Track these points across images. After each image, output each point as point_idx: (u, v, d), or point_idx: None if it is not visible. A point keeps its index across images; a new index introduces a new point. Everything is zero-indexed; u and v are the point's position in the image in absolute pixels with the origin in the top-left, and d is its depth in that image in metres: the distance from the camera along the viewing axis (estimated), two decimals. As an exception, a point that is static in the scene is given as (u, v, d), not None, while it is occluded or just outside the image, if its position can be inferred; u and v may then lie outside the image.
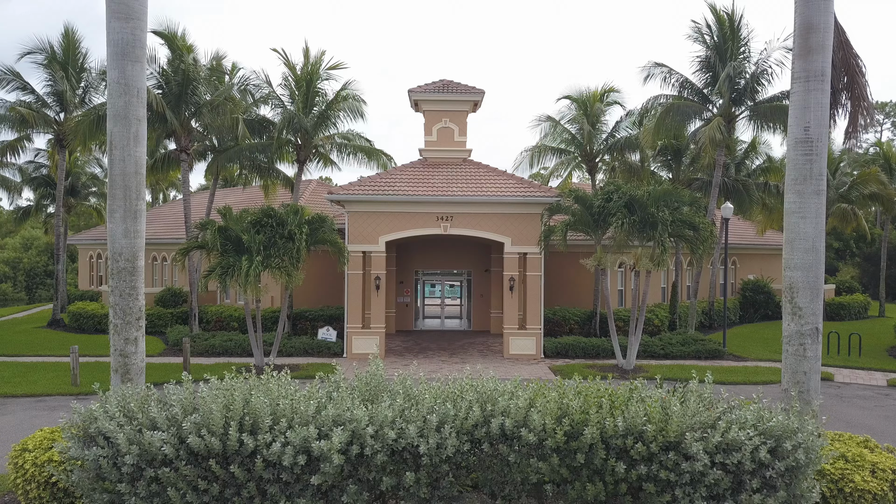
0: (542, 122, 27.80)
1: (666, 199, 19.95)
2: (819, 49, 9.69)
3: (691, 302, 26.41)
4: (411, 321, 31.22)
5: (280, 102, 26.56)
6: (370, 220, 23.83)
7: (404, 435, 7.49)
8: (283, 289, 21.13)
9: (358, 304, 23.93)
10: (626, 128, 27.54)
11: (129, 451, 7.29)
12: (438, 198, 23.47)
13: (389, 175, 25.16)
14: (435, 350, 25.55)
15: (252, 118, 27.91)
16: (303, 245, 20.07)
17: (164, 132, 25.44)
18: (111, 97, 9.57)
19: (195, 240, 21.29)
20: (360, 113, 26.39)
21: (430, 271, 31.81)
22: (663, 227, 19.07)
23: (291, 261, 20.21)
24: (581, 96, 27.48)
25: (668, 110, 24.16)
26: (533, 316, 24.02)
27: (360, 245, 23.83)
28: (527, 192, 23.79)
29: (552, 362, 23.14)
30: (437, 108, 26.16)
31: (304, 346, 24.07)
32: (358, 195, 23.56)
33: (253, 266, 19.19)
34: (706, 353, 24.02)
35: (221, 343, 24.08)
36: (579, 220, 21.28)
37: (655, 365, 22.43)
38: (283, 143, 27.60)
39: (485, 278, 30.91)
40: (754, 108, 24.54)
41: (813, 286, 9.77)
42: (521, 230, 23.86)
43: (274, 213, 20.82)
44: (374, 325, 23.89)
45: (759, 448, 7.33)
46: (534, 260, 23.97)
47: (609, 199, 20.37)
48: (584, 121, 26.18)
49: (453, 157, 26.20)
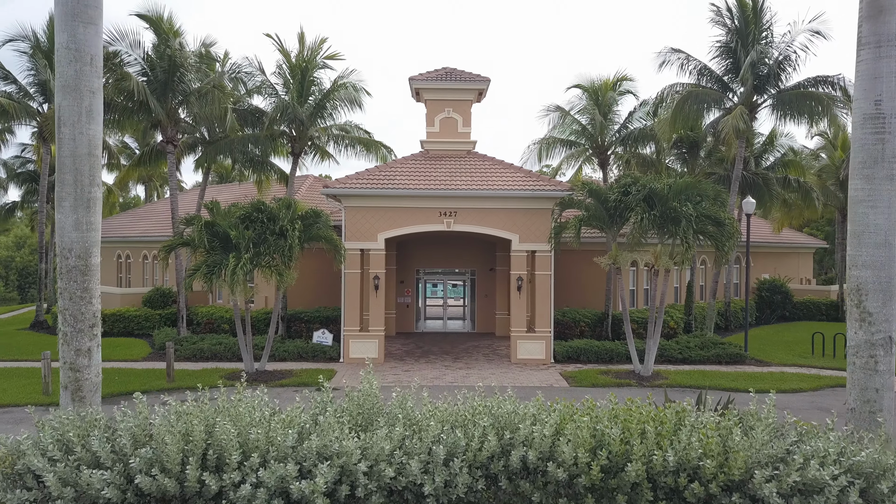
0: (550, 111, 26.36)
1: (688, 193, 18.50)
2: (893, 8, 8.23)
3: (709, 303, 24.93)
4: (412, 323, 29.78)
5: (273, 91, 25.13)
6: (368, 216, 22.40)
7: (405, 472, 6.05)
8: (276, 289, 19.72)
9: (355, 306, 22.49)
10: (639, 118, 26.10)
11: (62, 496, 5.84)
12: (441, 192, 22.04)
13: (389, 168, 23.71)
14: (437, 354, 24.11)
15: (244, 108, 26.50)
16: (295, 242, 18.64)
17: (149, 122, 23.99)
18: (59, 65, 8.18)
19: (180, 236, 19.86)
20: (359, 103, 24.97)
21: (432, 270, 30.37)
22: (687, 223, 17.62)
23: (283, 259, 18.79)
24: (592, 85, 26.03)
25: (687, 98, 22.69)
26: (542, 318, 22.57)
27: (357, 242, 22.39)
28: (536, 186, 22.34)
29: (563, 367, 21.69)
30: (439, 98, 24.71)
31: (299, 350, 22.63)
32: (355, 189, 22.12)
33: (241, 264, 17.77)
34: (727, 358, 22.57)
35: (210, 347, 22.64)
36: (593, 216, 19.84)
37: (674, 371, 20.98)
38: (277, 135, 26.18)
39: (489, 278, 29.47)
40: (778, 97, 23.04)
41: (885, 288, 8.33)
42: (529, 226, 22.42)
43: (265, 208, 19.40)
44: (372, 327, 22.44)
45: (846, 490, 5.88)
46: (543, 258, 22.52)
47: (627, 193, 18.92)
48: (595, 111, 24.71)
49: (457, 149, 24.75)
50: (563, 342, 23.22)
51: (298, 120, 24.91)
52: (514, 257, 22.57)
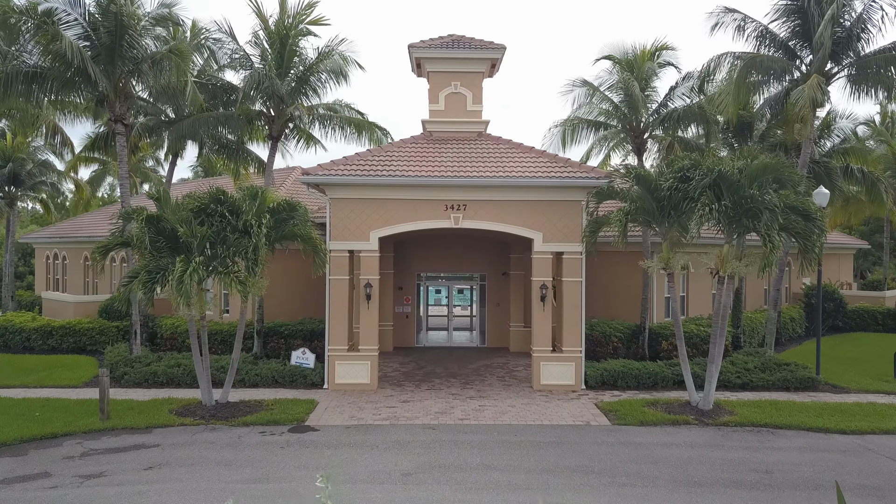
0: (576, 87, 22.19)
1: (765, 178, 14.39)
2: None
3: (769, 315, 20.78)
4: (412, 335, 25.66)
5: (248, 63, 21.03)
6: (359, 210, 18.32)
7: None
8: (246, 299, 15.64)
9: (343, 320, 18.38)
10: (681, 95, 21.97)
11: None
12: (448, 180, 17.97)
13: (384, 152, 19.61)
14: (443, 377, 20.01)
15: (215, 84, 22.41)
16: (262, 242, 14.55)
17: (93, 98, 19.87)
18: None
19: (120, 235, 15.77)
20: (345, 75, 20.90)
21: (436, 274, 26.27)
22: (771, 217, 13.51)
23: (247, 263, 14.69)
24: (626, 56, 21.90)
25: (750, 66, 18.57)
26: (571, 335, 18.47)
27: (345, 242, 18.31)
28: (564, 173, 18.23)
29: (598, 396, 17.61)
30: (445, 69, 20.62)
31: (274, 374, 18.53)
32: (343, 177, 18.03)
33: (190, 271, 13.68)
34: (796, 383, 18.48)
35: (166, 370, 18.54)
36: (641, 208, 15.74)
37: (736, 401, 16.89)
38: (253, 116, 22.09)
39: (502, 283, 25.37)
40: (859, 63, 18.83)
41: None
42: (556, 222, 18.33)
43: (225, 199, 15.32)
44: (363, 346, 18.34)
45: None
46: (572, 261, 18.42)
47: (686, 179, 14.82)
48: (632, 84, 20.51)
49: (466, 131, 20.65)
50: (594, 363, 19.13)
51: (277, 96, 20.83)
52: (537, 260, 18.47)
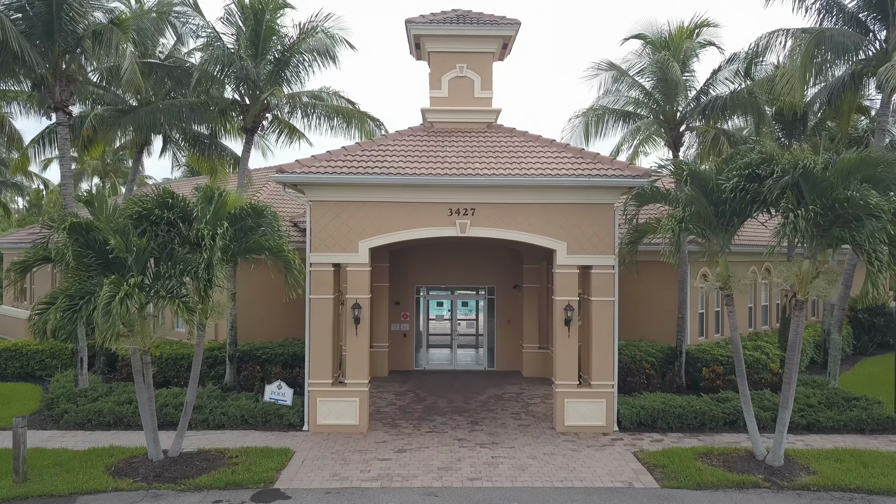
0: (601, 71, 18.99)
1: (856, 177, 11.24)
2: None
3: (833, 338, 17.58)
4: (410, 356, 22.48)
5: (219, 42, 17.91)
6: (345, 216, 15.19)
7: None
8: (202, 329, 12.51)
9: (326, 347, 15.24)
10: (724, 80, 18.82)
11: None
12: (452, 180, 14.84)
13: (376, 146, 16.46)
14: (446, 413, 16.85)
15: (180, 67, 19.28)
16: (216, 257, 11.42)
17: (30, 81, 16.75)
18: None
19: (42, 247, 12.61)
20: (332, 56, 17.80)
21: (438, 287, 23.11)
22: (878, 226, 10.37)
23: (197, 284, 11.55)
24: (659, 35, 18.75)
25: (818, 40, 15.44)
26: (601, 366, 15.32)
27: (329, 254, 15.17)
28: (594, 170, 15.07)
29: (636, 442, 14.46)
30: (448, 49, 17.48)
31: (244, 413, 15.36)
32: (325, 175, 14.88)
33: (121, 297, 10.55)
34: (872, 423, 15.30)
35: (114, 407, 15.39)
36: (696, 214, 12.57)
37: (808, 451, 13.71)
38: (226, 105, 18.98)
39: (514, 297, 22.20)
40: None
41: None
42: (583, 230, 15.18)
43: (174, 203, 12.20)
44: (351, 379, 15.19)
45: None
46: (603, 277, 15.27)
47: (754, 178, 11.67)
48: (671, 66, 17.30)
49: (473, 121, 17.50)
50: (627, 399, 15.96)
51: (250, 80, 17.73)
52: (560, 276, 15.31)
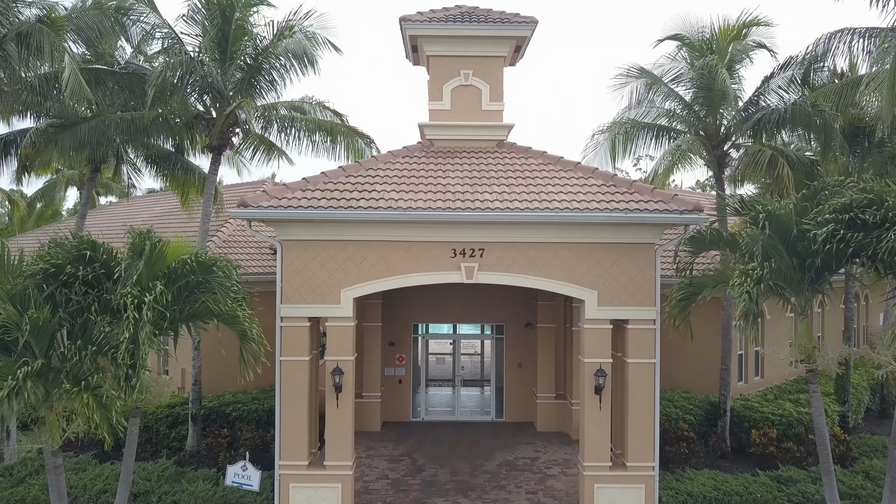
0: (630, 79, 16.09)
1: None
2: None
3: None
4: (407, 406, 19.57)
5: (178, 45, 15.08)
6: (325, 258, 12.34)
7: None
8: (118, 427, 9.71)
9: (301, 420, 12.38)
10: (776, 88, 15.95)
11: None
12: (456, 215, 12.00)
13: (364, 170, 13.57)
14: (449, 489, 13.96)
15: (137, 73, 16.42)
16: (145, 332, 8.57)
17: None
18: None
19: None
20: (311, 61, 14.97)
21: (438, 325, 20.22)
22: None
23: (117, 370, 8.69)
24: (700, 35, 15.87)
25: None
26: (639, 442, 12.46)
27: (304, 306, 12.32)
28: (630, 202, 12.21)
29: (686, 544, 11.61)
30: (451, 53, 14.63)
31: (200, 503, 12.50)
32: (300, 210, 12.02)
33: (7, 393, 7.72)
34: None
35: (37, 495, 12.54)
36: (776, 270, 9.69)
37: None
38: (190, 118, 16.14)
39: (526, 338, 19.30)
40: None
41: None
42: (617, 276, 12.33)
43: (95, 256, 9.35)
44: (332, 461, 12.33)
45: None
46: (642, 334, 12.41)
47: (857, 224, 8.81)
48: (718, 71, 14.40)
49: (481, 139, 14.67)
50: (668, 479, 13.09)
51: (215, 89, 14.91)
52: (590, 332, 12.44)
